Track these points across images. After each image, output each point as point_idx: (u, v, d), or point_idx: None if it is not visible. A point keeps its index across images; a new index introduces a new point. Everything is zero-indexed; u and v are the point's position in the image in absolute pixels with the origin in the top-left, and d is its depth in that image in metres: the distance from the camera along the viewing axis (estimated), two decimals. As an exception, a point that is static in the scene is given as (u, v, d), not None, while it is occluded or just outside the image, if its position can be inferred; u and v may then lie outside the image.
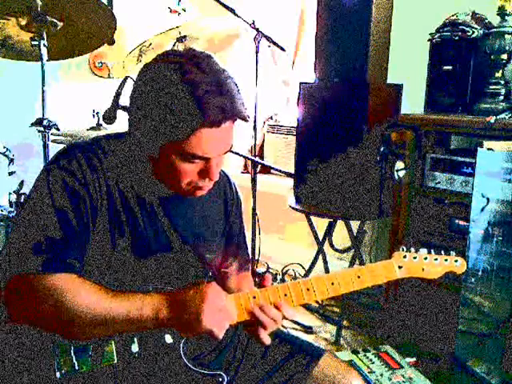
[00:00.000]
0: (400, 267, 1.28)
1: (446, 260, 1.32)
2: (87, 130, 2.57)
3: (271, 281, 1.21)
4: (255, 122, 2.71)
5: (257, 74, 2.67)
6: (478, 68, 2.29)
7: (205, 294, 1.05)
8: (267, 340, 1.14)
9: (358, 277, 1.23)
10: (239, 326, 1.20)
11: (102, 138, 1.21)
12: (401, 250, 1.30)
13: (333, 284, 1.21)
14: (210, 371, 1.20)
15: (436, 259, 1.32)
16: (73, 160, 1.12)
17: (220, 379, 1.20)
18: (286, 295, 1.18)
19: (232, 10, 2.53)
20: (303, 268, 3.25)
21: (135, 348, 1.10)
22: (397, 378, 2.06)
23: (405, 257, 1.29)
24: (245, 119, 1.12)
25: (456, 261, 1.34)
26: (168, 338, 1.12)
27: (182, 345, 1.13)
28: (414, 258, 1.30)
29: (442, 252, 1.33)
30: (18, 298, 1.03)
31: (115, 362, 1.09)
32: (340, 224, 2.92)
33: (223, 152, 1.14)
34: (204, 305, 1.04)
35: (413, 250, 1.31)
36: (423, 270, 1.30)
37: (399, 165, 2.31)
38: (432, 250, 1.33)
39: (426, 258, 1.31)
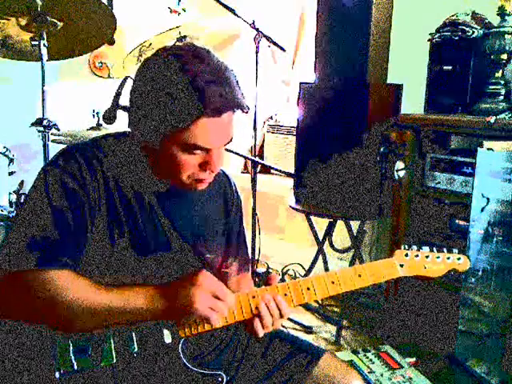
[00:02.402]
0: (401, 265, 1.27)
1: (448, 258, 1.30)
2: (87, 130, 2.57)
3: (277, 280, 1.20)
4: (255, 121, 2.71)
5: (257, 74, 2.67)
6: (478, 68, 2.28)
7: (196, 280, 1.06)
8: (261, 333, 1.14)
9: (359, 275, 1.22)
10: (239, 326, 1.20)
11: (101, 139, 1.22)
12: (402, 248, 1.28)
13: (333, 283, 1.21)
14: (210, 371, 1.20)
15: (438, 257, 1.29)
16: (72, 161, 1.12)
17: (219, 379, 1.20)
18: (286, 295, 1.18)
19: (232, 10, 2.53)
20: (303, 268, 3.25)
21: (134, 348, 1.10)
22: (397, 378, 2.06)
23: (406, 255, 1.27)
24: (244, 109, 1.12)
25: (459, 258, 1.31)
26: (167, 338, 1.12)
27: (181, 344, 1.12)
28: (416, 256, 1.28)
29: (445, 250, 1.31)
30: (12, 293, 1.04)
31: (114, 361, 1.09)
32: (340, 224, 2.92)
33: (224, 143, 1.15)
34: (195, 289, 1.05)
35: (415, 247, 1.29)
36: (425, 268, 1.28)
37: (399, 165, 2.31)
38: (434, 248, 1.30)
39: (427, 257, 1.28)
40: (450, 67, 2.34)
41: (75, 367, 1.06)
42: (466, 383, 2.06)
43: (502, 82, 2.26)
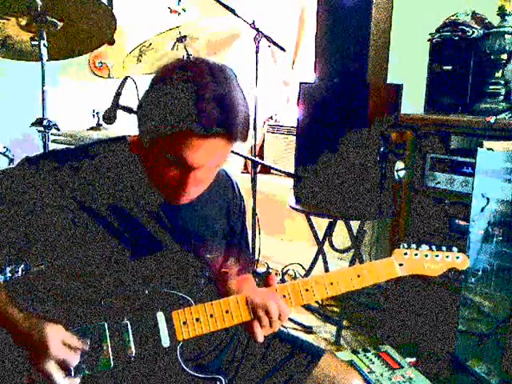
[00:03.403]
0: (401, 265, 1.27)
1: (447, 256, 1.30)
2: (87, 130, 2.57)
3: (276, 280, 1.21)
4: (255, 121, 2.71)
5: (257, 74, 2.67)
6: (478, 68, 2.28)
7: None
8: (260, 337, 1.14)
9: (358, 276, 1.23)
10: (240, 326, 1.20)
11: (94, 145, 1.22)
12: (401, 246, 1.28)
13: (332, 284, 1.21)
14: (208, 375, 1.20)
15: (437, 256, 1.29)
16: (48, 167, 1.13)
17: (218, 383, 1.20)
18: (284, 296, 1.18)
19: (232, 10, 2.53)
20: (303, 268, 3.25)
21: (132, 352, 1.09)
22: (397, 378, 2.06)
23: (405, 254, 1.27)
24: (233, 139, 1.07)
25: (457, 257, 1.31)
26: (165, 342, 1.11)
27: (179, 348, 1.12)
28: (415, 254, 1.28)
29: (444, 248, 1.31)
30: None
31: (112, 366, 1.08)
32: (340, 224, 2.92)
33: (205, 166, 1.10)
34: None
35: (414, 246, 1.28)
36: (424, 267, 1.28)
37: (399, 165, 2.31)
38: (433, 247, 1.30)
39: (426, 255, 1.28)
40: (449, 67, 2.34)
41: (72, 373, 1.05)
42: (465, 383, 2.06)
43: (502, 82, 2.26)
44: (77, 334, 1.06)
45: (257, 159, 2.77)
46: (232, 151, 1.19)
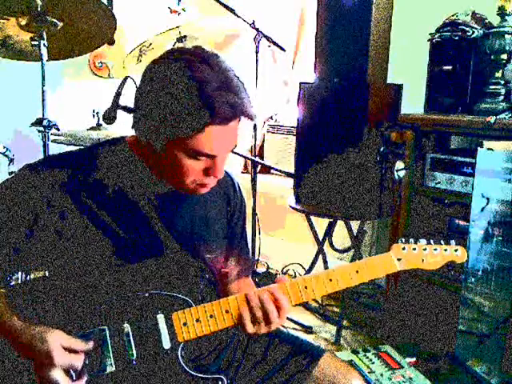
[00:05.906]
0: (399, 259, 1.27)
1: (445, 250, 1.30)
2: (87, 129, 2.57)
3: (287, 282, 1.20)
4: (255, 121, 2.71)
5: (257, 74, 2.67)
6: (478, 68, 2.28)
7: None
8: (249, 327, 1.13)
9: (357, 272, 1.22)
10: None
11: (97, 146, 1.22)
12: (399, 241, 1.29)
13: (331, 280, 1.20)
14: (210, 375, 1.20)
15: (435, 249, 1.29)
16: (43, 172, 1.13)
17: (220, 383, 1.20)
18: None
19: (232, 10, 2.53)
20: (303, 268, 3.25)
21: (133, 354, 1.09)
22: (397, 378, 2.06)
23: (403, 249, 1.27)
24: (252, 118, 1.13)
25: (456, 250, 1.31)
26: (166, 344, 1.11)
27: (179, 349, 1.12)
28: (413, 249, 1.28)
29: (442, 242, 1.31)
30: None
31: (113, 369, 1.08)
32: (340, 224, 2.92)
33: (229, 150, 1.15)
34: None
35: (412, 240, 1.29)
36: (423, 261, 1.28)
37: (399, 165, 2.31)
38: (431, 240, 1.31)
39: (425, 249, 1.29)
40: (450, 67, 2.34)
41: (74, 377, 1.05)
42: (465, 383, 2.06)
43: (502, 82, 2.26)
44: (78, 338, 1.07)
45: (257, 159, 2.77)
46: (232, 151, 1.20)
